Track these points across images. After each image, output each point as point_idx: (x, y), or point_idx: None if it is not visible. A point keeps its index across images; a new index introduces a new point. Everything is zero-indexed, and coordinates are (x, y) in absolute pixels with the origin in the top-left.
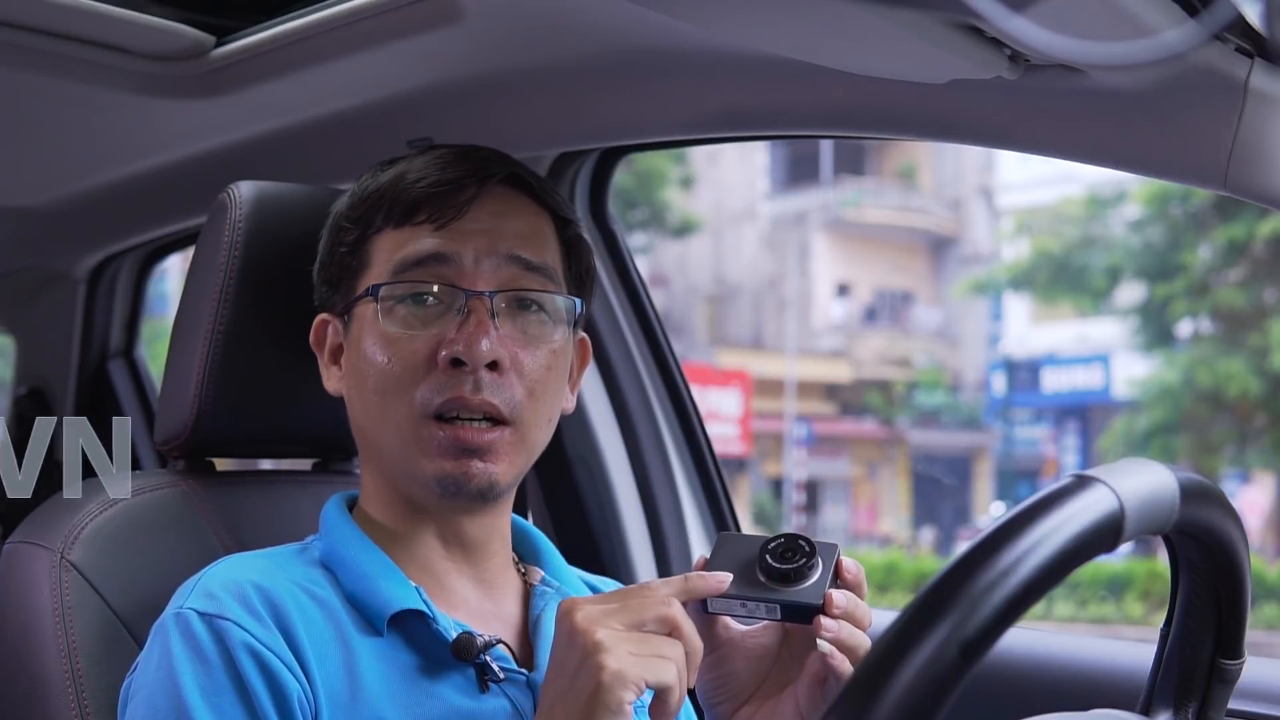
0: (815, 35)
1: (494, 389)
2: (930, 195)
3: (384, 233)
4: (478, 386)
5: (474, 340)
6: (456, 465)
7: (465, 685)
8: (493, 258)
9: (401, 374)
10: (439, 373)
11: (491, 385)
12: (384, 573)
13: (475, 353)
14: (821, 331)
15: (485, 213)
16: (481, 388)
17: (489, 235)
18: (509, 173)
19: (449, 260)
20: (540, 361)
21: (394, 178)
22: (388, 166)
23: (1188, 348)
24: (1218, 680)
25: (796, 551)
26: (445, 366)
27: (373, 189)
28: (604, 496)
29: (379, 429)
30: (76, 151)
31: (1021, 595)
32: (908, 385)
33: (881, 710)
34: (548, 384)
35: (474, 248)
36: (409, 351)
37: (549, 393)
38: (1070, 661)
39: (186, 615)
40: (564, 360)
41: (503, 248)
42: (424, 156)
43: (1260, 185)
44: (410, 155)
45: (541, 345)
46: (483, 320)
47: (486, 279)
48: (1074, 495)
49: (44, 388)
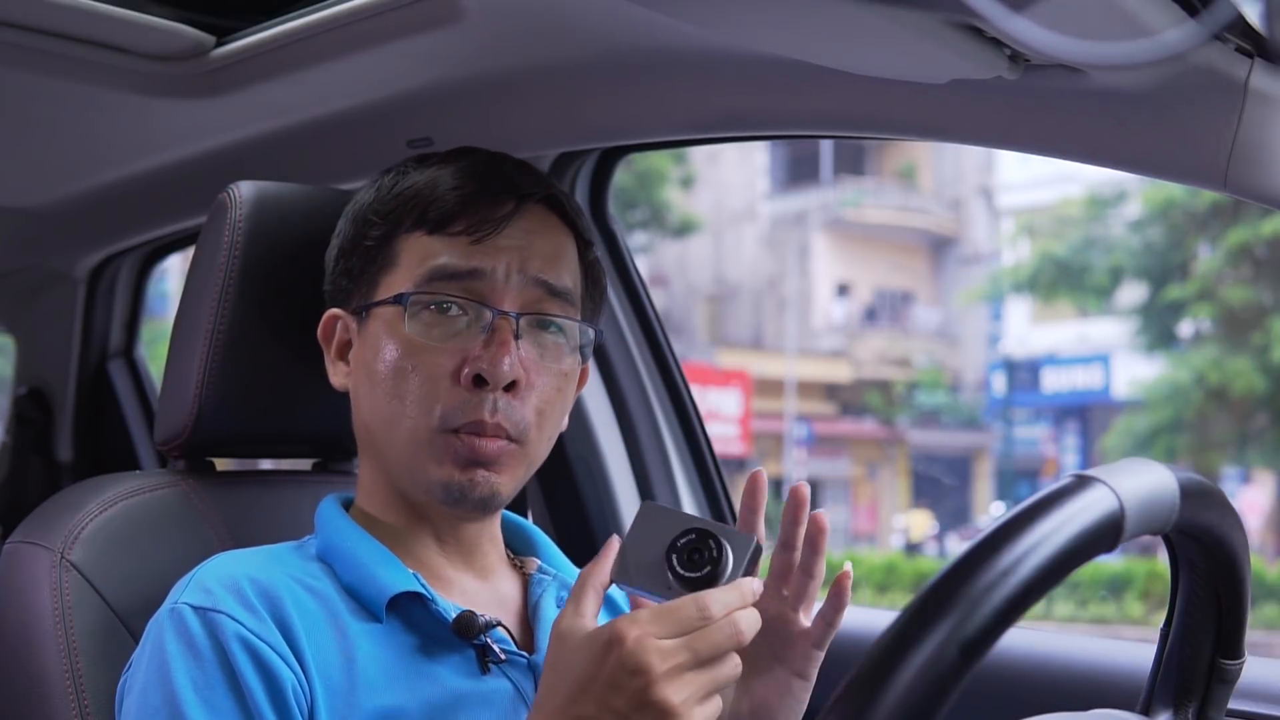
0: (815, 35)
1: (507, 410)
2: (930, 195)
3: (415, 235)
4: (495, 408)
5: (497, 360)
6: (464, 474)
7: (466, 667)
8: (520, 276)
9: (422, 384)
10: (461, 389)
11: (506, 406)
12: (381, 560)
13: (498, 373)
14: (821, 331)
15: (519, 230)
16: (498, 409)
17: (520, 253)
18: (547, 193)
19: (481, 276)
20: (551, 384)
21: (429, 180)
22: (419, 166)
23: (1191, 347)
24: (1218, 680)
25: (704, 553)
26: (468, 383)
27: (405, 188)
28: (604, 496)
29: (389, 431)
30: (76, 151)
31: (1021, 595)
32: (908, 385)
33: (881, 710)
34: (555, 405)
35: (505, 264)
36: (432, 362)
37: (555, 414)
38: (1070, 661)
39: (181, 610)
40: (572, 385)
41: (531, 268)
42: (459, 162)
43: (1260, 185)
44: (442, 158)
45: (554, 368)
46: (506, 340)
47: (513, 298)
48: (1074, 495)
49: (44, 388)
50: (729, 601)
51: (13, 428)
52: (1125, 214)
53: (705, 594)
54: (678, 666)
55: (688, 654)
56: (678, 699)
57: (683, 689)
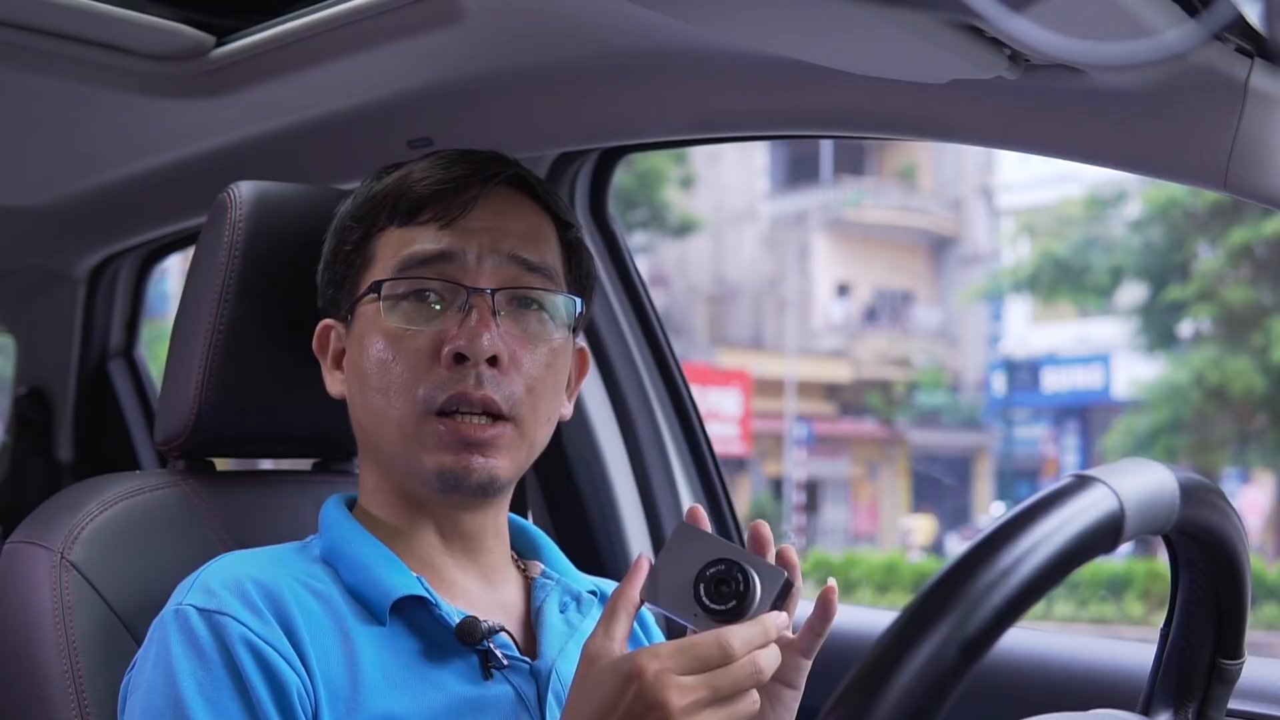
0: (815, 35)
1: (494, 384)
2: (930, 195)
3: (388, 231)
4: (479, 381)
5: (475, 335)
6: (456, 460)
7: (468, 672)
8: (495, 256)
9: (404, 371)
10: (441, 369)
11: (491, 380)
12: (385, 563)
13: (477, 347)
14: (821, 331)
15: (489, 212)
16: (483, 383)
17: (491, 234)
18: (512, 174)
19: (452, 258)
20: (540, 360)
21: (398, 179)
22: (392, 170)
23: (1191, 347)
24: (1218, 680)
25: (732, 585)
26: (448, 362)
27: (378, 190)
28: (604, 497)
29: (380, 425)
30: (76, 151)
31: (1021, 595)
32: (908, 385)
33: (881, 710)
34: (546, 382)
35: (477, 245)
36: (412, 348)
37: (547, 391)
38: (1070, 661)
39: (185, 611)
40: (563, 360)
41: (505, 247)
42: (428, 159)
43: (1260, 185)
44: (414, 159)
45: (541, 344)
46: (484, 316)
47: (488, 277)
48: (1074, 495)
49: (44, 388)
50: (751, 639)
51: (13, 428)
52: (1125, 214)
53: (728, 631)
54: (695, 703)
55: (706, 691)
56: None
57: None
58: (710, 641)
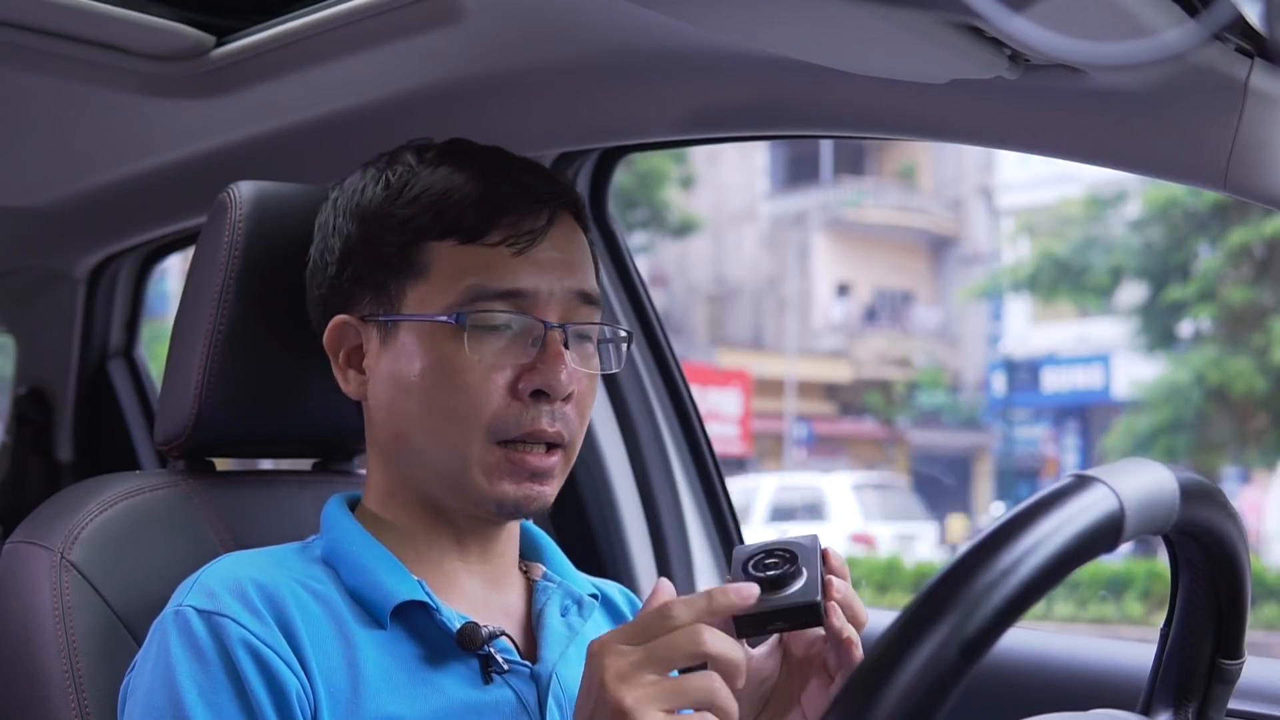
0: (815, 35)
1: (564, 419)
2: (930, 195)
3: (446, 244)
4: (553, 418)
5: (555, 373)
6: (519, 489)
7: (469, 676)
8: (562, 289)
9: (475, 400)
10: (519, 404)
11: (563, 416)
12: (386, 566)
13: (557, 386)
14: (821, 331)
15: (555, 241)
16: (555, 419)
17: (559, 267)
18: (571, 200)
19: (526, 295)
20: (589, 387)
21: (446, 182)
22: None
23: (1191, 348)
24: (1218, 680)
25: (774, 557)
26: (528, 399)
27: (423, 190)
28: (604, 497)
29: (429, 442)
30: (76, 151)
31: (1021, 595)
32: (908, 385)
33: (881, 710)
34: (589, 406)
35: (549, 279)
36: (487, 380)
37: (588, 415)
38: (1070, 661)
39: (185, 613)
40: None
41: (570, 281)
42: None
43: (1260, 185)
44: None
45: (590, 372)
46: (559, 352)
47: (556, 310)
48: (1074, 495)
49: (44, 388)
50: (695, 605)
51: (13, 428)
52: (1125, 214)
53: (671, 600)
54: (629, 665)
55: (640, 654)
56: (629, 699)
57: (634, 689)
58: (652, 610)
